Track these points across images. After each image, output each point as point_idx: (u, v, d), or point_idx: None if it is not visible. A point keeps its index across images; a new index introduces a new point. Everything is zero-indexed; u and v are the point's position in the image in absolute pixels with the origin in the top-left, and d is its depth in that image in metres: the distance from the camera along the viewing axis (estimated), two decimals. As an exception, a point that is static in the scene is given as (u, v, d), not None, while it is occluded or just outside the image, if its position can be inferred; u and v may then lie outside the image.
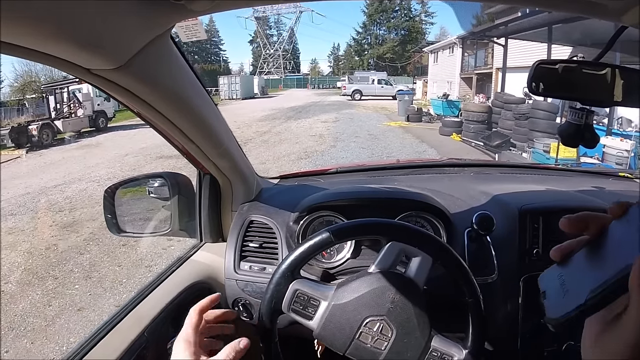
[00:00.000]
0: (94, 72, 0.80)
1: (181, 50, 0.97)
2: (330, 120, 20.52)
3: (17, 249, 6.54)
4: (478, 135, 13.63)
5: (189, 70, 1.05)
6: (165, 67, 0.94)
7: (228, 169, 1.54)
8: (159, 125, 1.14)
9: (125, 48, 0.77)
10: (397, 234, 1.18)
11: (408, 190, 1.67)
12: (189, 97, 1.08)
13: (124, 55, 0.78)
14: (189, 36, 1.20)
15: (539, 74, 0.92)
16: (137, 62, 0.81)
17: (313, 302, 1.12)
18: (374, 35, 71.26)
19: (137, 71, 0.85)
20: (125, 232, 1.61)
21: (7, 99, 32.17)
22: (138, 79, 0.88)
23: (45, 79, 31.85)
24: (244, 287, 1.55)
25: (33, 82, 32.07)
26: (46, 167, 13.09)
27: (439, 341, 1.09)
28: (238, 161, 1.55)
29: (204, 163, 1.44)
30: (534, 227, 1.52)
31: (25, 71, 33.53)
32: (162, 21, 0.79)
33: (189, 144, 1.26)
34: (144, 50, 0.80)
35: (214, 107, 1.26)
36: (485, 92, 20.26)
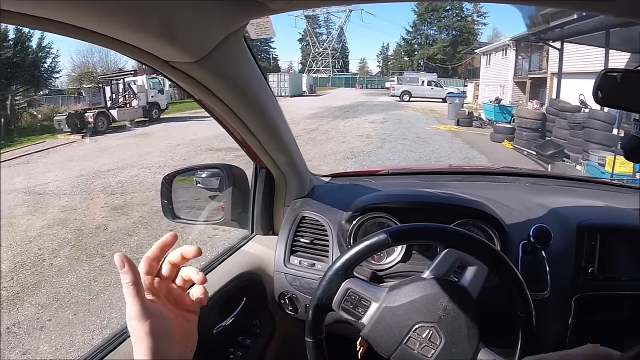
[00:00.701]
0: (172, 64, 0.83)
1: (250, 47, 0.99)
2: (377, 120, 20.38)
3: (68, 226, 6.83)
4: (531, 143, 13.24)
5: (256, 67, 1.08)
6: (237, 62, 0.97)
7: (284, 164, 1.57)
8: (222, 117, 1.17)
9: (204, 42, 0.80)
10: (456, 241, 1.16)
11: (465, 197, 1.64)
12: (255, 93, 1.11)
13: (203, 50, 0.81)
14: (259, 33, 1.22)
15: (605, 82, 0.90)
16: (213, 57, 0.84)
17: (364, 302, 1.12)
18: (425, 35, 70.04)
19: (212, 65, 0.88)
20: (180, 218, 1.66)
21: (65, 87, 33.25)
22: (212, 73, 0.91)
23: (102, 70, 32.99)
24: (292, 280, 1.57)
25: (90, 72, 33.08)
26: (101, 152, 13.54)
27: (486, 354, 1.07)
28: (295, 157, 1.57)
29: (262, 157, 1.47)
30: (591, 245, 1.47)
31: (82, 62, 34.66)
32: (240, 18, 0.81)
33: (250, 137, 1.29)
34: (220, 45, 0.83)
35: (276, 104, 1.28)
36: (539, 98, 19.67)
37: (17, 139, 16.89)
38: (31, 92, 24.33)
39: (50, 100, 26.36)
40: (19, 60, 22.42)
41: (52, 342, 4.06)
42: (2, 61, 21.15)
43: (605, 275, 1.46)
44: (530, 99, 20.27)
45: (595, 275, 1.45)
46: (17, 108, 21.13)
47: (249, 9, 0.78)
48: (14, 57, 22.10)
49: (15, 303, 4.69)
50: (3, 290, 4.93)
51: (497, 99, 20.49)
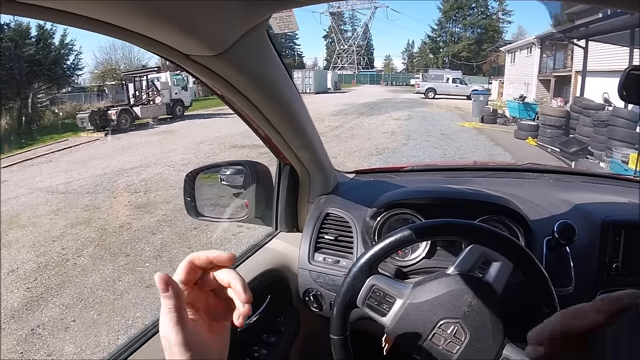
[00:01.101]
0: (193, 58, 0.83)
1: (273, 42, 0.99)
2: (402, 117, 20.31)
3: (91, 225, 6.92)
4: (554, 140, 13.11)
5: (279, 62, 1.07)
6: (260, 57, 0.96)
7: (308, 161, 1.56)
8: (245, 114, 1.17)
9: (225, 36, 0.79)
10: (481, 237, 1.15)
11: (489, 193, 1.63)
12: (279, 89, 1.10)
13: (224, 43, 0.80)
14: (282, 27, 1.21)
15: (630, 80, 0.89)
16: (234, 51, 0.83)
17: (388, 298, 1.11)
18: (450, 32, 69.72)
19: (234, 59, 0.87)
20: (203, 216, 1.66)
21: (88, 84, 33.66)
22: (234, 67, 0.90)
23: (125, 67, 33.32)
24: (316, 277, 1.57)
25: (113, 69, 33.47)
26: (124, 150, 13.69)
27: (512, 350, 1.05)
28: (319, 154, 1.57)
29: (286, 153, 1.47)
30: (615, 241, 1.46)
31: (105, 59, 35.14)
32: (262, 11, 0.80)
33: (274, 133, 1.29)
34: (242, 39, 0.82)
35: (300, 100, 1.27)
36: (563, 96, 19.50)
37: (40, 138, 17.18)
38: (54, 90, 24.69)
39: (72, 98, 26.67)
40: (41, 57, 22.75)
41: (77, 342, 4.11)
42: (25, 59, 21.48)
43: (629, 271, 1.45)
44: (554, 96, 20.13)
45: (620, 270, 1.44)
46: (40, 106, 21.51)
47: (271, 2, 0.77)
48: (36, 54, 22.45)
49: (39, 304, 4.75)
50: (27, 291, 4.99)
51: (521, 96, 20.26)
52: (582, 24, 14.41)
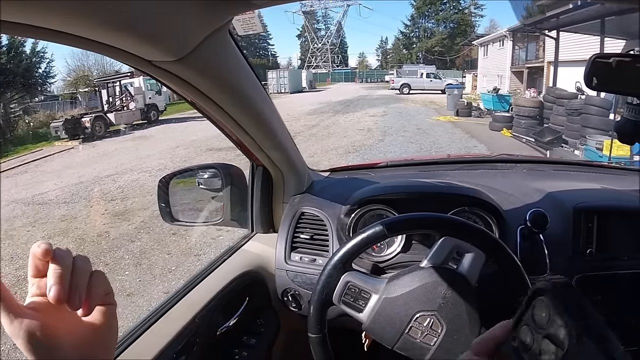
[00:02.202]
0: (155, 64, 0.82)
1: (238, 44, 0.99)
2: (378, 114, 20.35)
3: (69, 236, 6.79)
4: (529, 131, 13.27)
5: (245, 63, 1.07)
6: (224, 59, 0.96)
7: (280, 161, 1.56)
8: (214, 117, 1.16)
9: (186, 41, 0.79)
10: (451, 229, 1.17)
11: (461, 185, 1.65)
12: (245, 90, 1.10)
13: (185, 48, 0.80)
14: (246, 29, 1.21)
15: (596, 68, 0.91)
16: (197, 55, 0.83)
17: (364, 294, 1.12)
18: (423, 28, 70.33)
19: (197, 63, 0.87)
20: (178, 221, 1.65)
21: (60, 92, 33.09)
22: (197, 71, 0.90)
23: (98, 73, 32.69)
24: (293, 277, 1.56)
25: (85, 76, 32.94)
26: (99, 157, 13.49)
27: None
28: (290, 154, 1.57)
29: (257, 155, 1.47)
30: (588, 227, 1.49)
31: (77, 65, 34.44)
32: (222, 14, 0.80)
33: (244, 135, 1.28)
34: (203, 43, 0.82)
35: (268, 100, 1.27)
36: (536, 87, 19.73)
37: (14, 149, 16.84)
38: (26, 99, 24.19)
39: (46, 106, 26.08)
40: (13, 66, 22.30)
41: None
42: (-5, 68, 21.10)
43: (603, 255, 1.48)
44: (527, 87, 20.35)
45: (594, 256, 1.47)
46: (13, 116, 21.05)
47: (231, 5, 0.77)
48: (7, 63, 22.01)
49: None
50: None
51: (495, 88, 20.48)
52: (553, 15, 14.60)
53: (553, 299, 0.42)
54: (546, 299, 0.43)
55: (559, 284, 0.43)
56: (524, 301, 0.46)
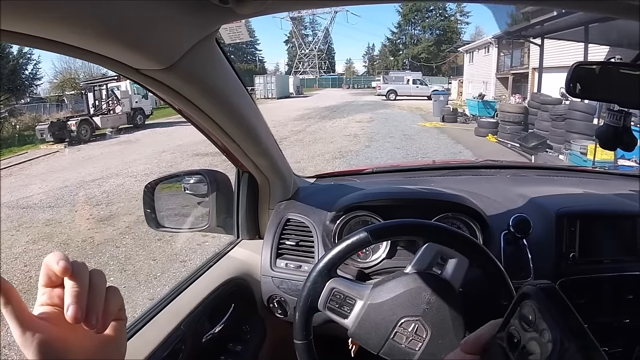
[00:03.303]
0: (143, 72, 0.83)
1: (225, 52, 0.99)
2: (364, 120, 20.40)
3: (53, 240, 6.72)
4: (514, 136, 13.40)
5: (232, 71, 1.07)
6: (210, 68, 0.96)
7: (266, 168, 1.56)
8: (201, 124, 1.16)
9: (173, 50, 0.79)
10: (435, 235, 1.18)
11: (444, 191, 1.66)
12: (231, 97, 1.10)
13: (172, 57, 0.80)
14: (233, 38, 1.21)
15: (578, 75, 0.92)
16: (184, 63, 0.83)
17: (349, 300, 1.13)
18: (409, 35, 70.80)
19: (184, 72, 0.87)
20: (164, 227, 1.64)
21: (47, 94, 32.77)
22: (184, 80, 0.90)
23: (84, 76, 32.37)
24: (279, 284, 1.56)
25: (72, 79, 32.61)
26: (84, 161, 13.37)
27: None
28: (276, 160, 1.56)
29: (243, 161, 1.47)
30: (571, 231, 1.51)
31: (64, 68, 34.09)
32: (209, 24, 0.81)
33: (230, 142, 1.28)
34: (190, 51, 0.82)
35: (254, 107, 1.27)
36: (521, 93, 19.91)
37: (-1, 152, 16.67)
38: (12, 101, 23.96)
39: (31, 109, 25.82)
40: (-1, 67, 22.13)
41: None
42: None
43: (587, 259, 1.51)
44: (512, 93, 20.56)
45: (577, 260, 1.49)
46: (-2, 118, 20.87)
47: (216, 15, 0.77)
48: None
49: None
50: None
51: (480, 95, 20.71)
52: (538, 22, 14.74)
53: (538, 302, 0.43)
54: (532, 302, 0.44)
55: (544, 288, 0.44)
56: (511, 304, 0.47)
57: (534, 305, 0.44)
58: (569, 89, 0.93)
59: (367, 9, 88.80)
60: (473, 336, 0.51)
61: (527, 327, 0.44)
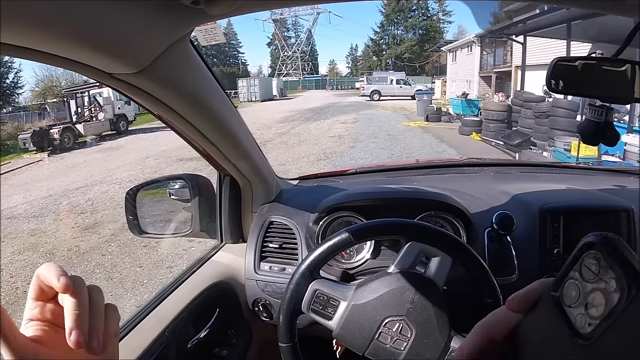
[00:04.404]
0: (116, 76, 0.82)
1: (200, 54, 0.98)
2: (349, 121, 20.42)
3: (39, 250, 6.64)
4: (498, 134, 13.48)
5: (208, 73, 1.06)
6: (185, 70, 0.95)
7: (248, 171, 1.55)
8: (179, 128, 1.15)
9: (145, 53, 0.78)
10: (416, 234, 1.18)
11: (427, 190, 1.66)
12: (208, 100, 1.09)
13: (145, 60, 0.79)
14: (208, 40, 1.21)
15: (558, 71, 0.92)
16: (157, 66, 0.82)
17: (332, 302, 1.12)
18: (392, 35, 71.24)
19: (158, 75, 0.86)
20: (147, 233, 1.63)
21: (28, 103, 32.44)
22: (159, 83, 0.89)
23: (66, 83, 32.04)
24: (264, 287, 1.56)
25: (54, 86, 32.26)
26: (68, 169, 13.22)
27: (459, 342, 1.08)
28: (257, 162, 1.56)
29: (224, 164, 1.45)
30: (555, 227, 1.51)
31: (46, 76, 33.72)
32: (181, 26, 0.80)
33: (209, 145, 1.27)
34: (164, 54, 0.81)
35: (233, 109, 1.27)
36: (504, 91, 20.05)
37: (-20, 162, 16.45)
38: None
39: (14, 117, 25.63)
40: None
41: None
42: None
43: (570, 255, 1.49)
44: (496, 92, 20.63)
45: (561, 255, 1.49)
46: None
47: (188, 16, 0.76)
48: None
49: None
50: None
51: (464, 93, 20.84)
52: (520, 21, 14.85)
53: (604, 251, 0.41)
54: (597, 252, 0.42)
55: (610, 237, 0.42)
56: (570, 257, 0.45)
57: (599, 255, 0.42)
58: (550, 85, 0.93)
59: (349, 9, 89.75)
60: (522, 292, 0.46)
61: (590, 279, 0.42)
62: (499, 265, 1.43)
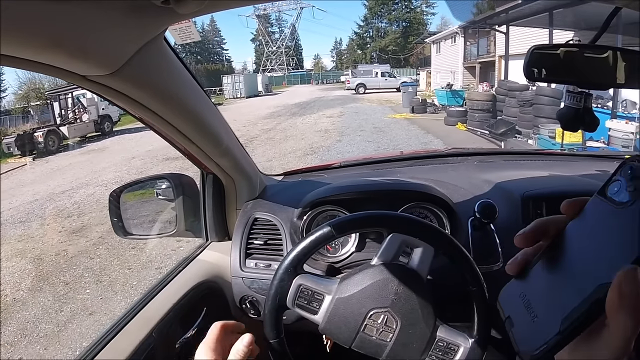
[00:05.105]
0: (90, 78, 0.81)
1: (176, 52, 0.97)
2: (335, 115, 20.42)
3: (27, 256, 6.58)
4: (483, 123, 13.57)
5: (185, 72, 1.05)
6: (161, 70, 0.94)
7: (230, 168, 1.54)
8: (158, 128, 1.14)
9: (118, 54, 0.78)
10: (397, 225, 1.18)
11: (410, 181, 1.67)
12: (186, 99, 1.09)
13: (118, 61, 0.79)
14: (183, 38, 1.20)
15: (536, 59, 0.92)
16: (131, 67, 0.82)
17: (317, 296, 1.12)
18: (376, 28, 71.40)
19: (132, 75, 0.85)
20: (132, 235, 1.62)
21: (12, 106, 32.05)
22: (133, 83, 0.88)
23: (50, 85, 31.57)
24: (250, 284, 1.56)
25: (37, 89, 31.91)
26: (53, 173, 13.11)
27: (445, 331, 1.09)
28: (240, 159, 1.55)
29: (206, 163, 1.45)
30: (537, 214, 1.52)
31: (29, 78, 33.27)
32: (152, 26, 0.79)
33: (189, 144, 1.27)
34: (137, 54, 0.81)
35: (212, 107, 1.26)
36: (489, 80, 20.15)
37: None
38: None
39: (-3, 122, 25.41)
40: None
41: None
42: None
43: None
44: (480, 82, 20.75)
45: None
46: (-37, 134, 20.32)
47: (159, 16, 0.76)
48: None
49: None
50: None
51: (448, 84, 20.90)
52: (502, 11, 14.89)
53: None
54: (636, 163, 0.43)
55: None
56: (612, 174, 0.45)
57: None
58: (528, 73, 0.94)
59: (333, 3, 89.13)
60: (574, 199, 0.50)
61: None
62: (484, 253, 1.44)
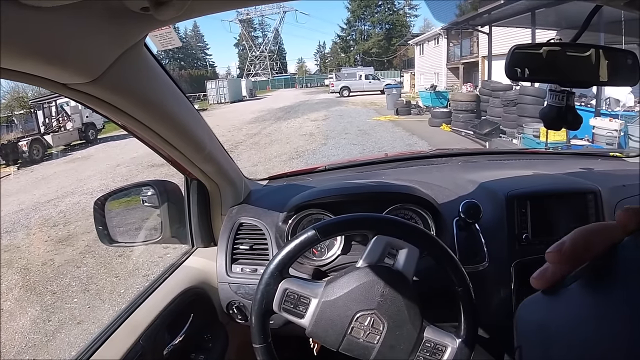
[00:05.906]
0: (71, 86, 0.80)
1: (157, 59, 0.97)
2: (319, 118, 20.41)
3: (13, 266, 6.49)
4: (468, 124, 13.64)
5: (166, 77, 1.05)
6: (142, 77, 0.94)
7: (214, 173, 1.54)
8: (141, 135, 1.14)
9: (97, 61, 0.77)
10: (382, 227, 1.19)
11: (394, 183, 1.68)
12: (167, 105, 1.08)
13: (98, 69, 0.78)
14: (164, 44, 1.20)
15: (517, 59, 0.94)
16: (111, 74, 0.81)
17: (303, 300, 1.13)
18: (359, 31, 71.45)
19: (113, 83, 0.85)
20: (118, 242, 1.61)
21: (-5, 116, 31.66)
22: (114, 90, 0.88)
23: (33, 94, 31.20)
24: (236, 289, 1.56)
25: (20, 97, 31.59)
26: (38, 182, 12.95)
27: (432, 332, 1.10)
28: (223, 164, 1.55)
29: (190, 168, 1.44)
30: (522, 212, 1.54)
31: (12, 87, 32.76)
32: (132, 33, 0.79)
33: (172, 150, 1.26)
34: (117, 62, 0.80)
35: (194, 112, 1.26)
36: (472, 81, 20.24)
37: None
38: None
39: (-20, 132, 25.05)
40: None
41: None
42: None
43: (540, 239, 1.53)
44: (464, 82, 20.83)
45: (530, 240, 1.52)
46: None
47: (139, 23, 0.76)
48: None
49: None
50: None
51: (432, 86, 20.99)
52: (485, 11, 14.98)
53: None
54: None
55: None
56: None
57: None
58: (510, 73, 0.95)
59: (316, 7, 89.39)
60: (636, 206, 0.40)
61: None
62: (470, 253, 1.45)
